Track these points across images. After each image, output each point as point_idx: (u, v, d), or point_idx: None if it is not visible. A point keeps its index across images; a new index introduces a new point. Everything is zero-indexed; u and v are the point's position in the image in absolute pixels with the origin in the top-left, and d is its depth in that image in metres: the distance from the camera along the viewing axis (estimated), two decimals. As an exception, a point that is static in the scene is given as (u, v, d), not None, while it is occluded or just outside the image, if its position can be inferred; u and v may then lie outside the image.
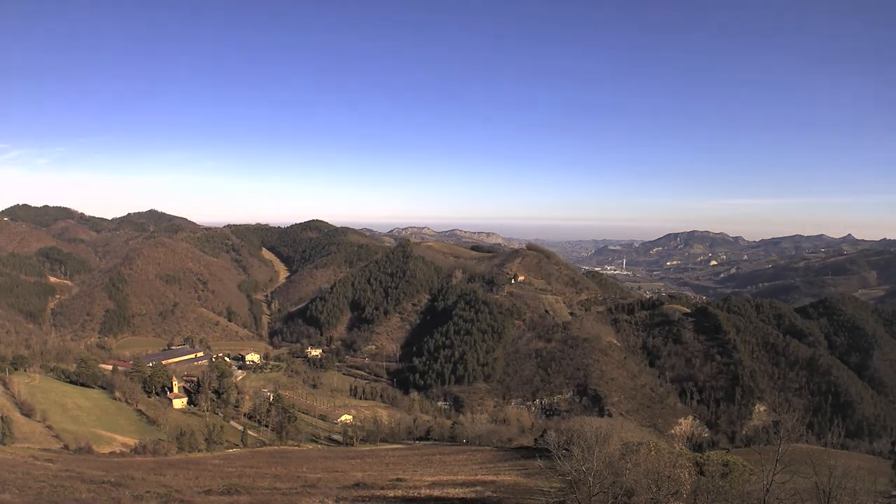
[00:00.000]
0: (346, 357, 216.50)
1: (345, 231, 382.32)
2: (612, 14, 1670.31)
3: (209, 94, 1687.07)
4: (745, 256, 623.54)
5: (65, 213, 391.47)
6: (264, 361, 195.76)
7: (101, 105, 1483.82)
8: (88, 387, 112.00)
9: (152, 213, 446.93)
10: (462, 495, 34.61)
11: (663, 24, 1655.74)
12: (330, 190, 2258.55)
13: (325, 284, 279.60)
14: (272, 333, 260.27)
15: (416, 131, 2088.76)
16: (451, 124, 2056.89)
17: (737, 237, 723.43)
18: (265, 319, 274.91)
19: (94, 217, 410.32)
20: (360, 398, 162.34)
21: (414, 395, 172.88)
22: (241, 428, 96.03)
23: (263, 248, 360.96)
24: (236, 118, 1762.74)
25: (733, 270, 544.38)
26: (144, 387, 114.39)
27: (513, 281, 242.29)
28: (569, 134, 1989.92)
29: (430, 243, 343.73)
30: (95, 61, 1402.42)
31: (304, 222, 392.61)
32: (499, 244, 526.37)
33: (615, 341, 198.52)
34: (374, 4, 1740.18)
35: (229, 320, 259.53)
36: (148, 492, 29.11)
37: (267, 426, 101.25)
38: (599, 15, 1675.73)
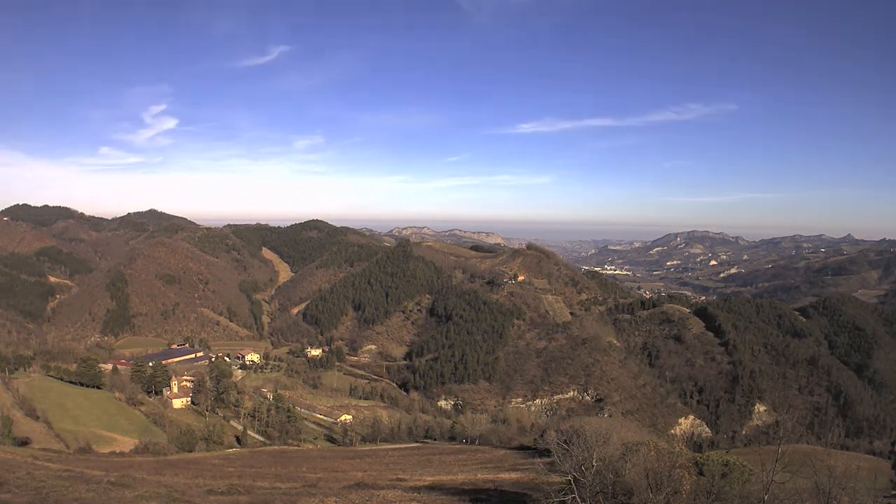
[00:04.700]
0: (347, 357, 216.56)
1: (345, 231, 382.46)
2: (608, 12, 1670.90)
3: (209, 94, 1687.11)
4: (745, 256, 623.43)
5: (65, 213, 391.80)
6: (264, 361, 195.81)
7: (101, 104, 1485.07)
8: (89, 387, 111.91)
9: (152, 213, 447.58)
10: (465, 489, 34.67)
11: (660, 21, 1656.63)
12: (330, 190, 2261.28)
13: (326, 284, 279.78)
14: (272, 333, 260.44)
15: (416, 130, 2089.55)
16: (452, 124, 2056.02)
17: (737, 237, 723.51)
18: (265, 319, 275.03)
19: (94, 217, 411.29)
20: (361, 398, 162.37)
21: (414, 394, 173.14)
22: (241, 428, 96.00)
23: (264, 248, 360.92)
24: (236, 117, 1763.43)
25: (733, 270, 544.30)
26: (145, 387, 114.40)
27: (513, 281, 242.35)
28: (568, 134, 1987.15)
29: (430, 243, 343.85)
30: (94, 59, 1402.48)
31: (304, 222, 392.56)
32: (499, 244, 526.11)
33: (615, 341, 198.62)
34: (377, 3, 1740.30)
35: (230, 320, 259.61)
36: (148, 492, 29.12)
37: (267, 426, 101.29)
38: (596, 13, 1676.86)
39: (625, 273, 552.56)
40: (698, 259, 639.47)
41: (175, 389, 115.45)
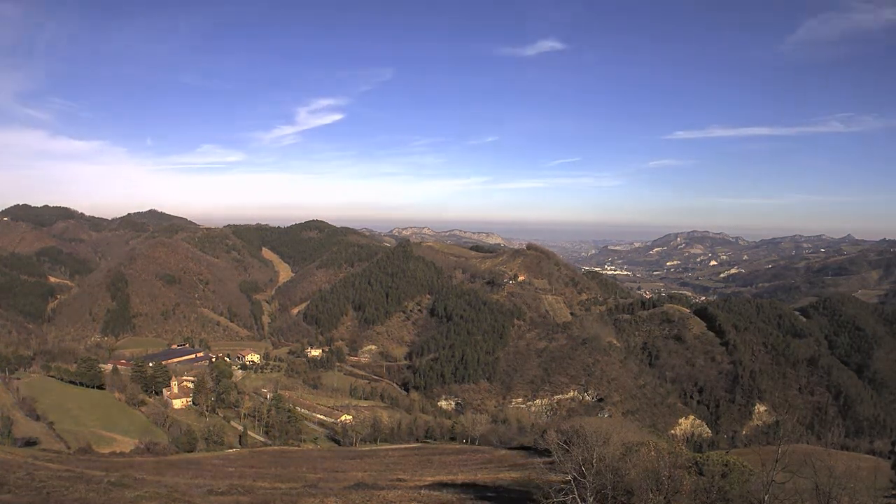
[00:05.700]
0: (347, 357, 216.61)
1: (345, 231, 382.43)
2: (605, 11, 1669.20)
3: (209, 93, 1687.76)
4: (745, 256, 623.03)
5: (65, 213, 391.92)
6: (265, 362, 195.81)
7: (102, 103, 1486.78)
8: (89, 387, 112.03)
9: (152, 213, 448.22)
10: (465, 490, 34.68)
11: (659, 20, 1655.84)
12: (330, 190, 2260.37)
13: (326, 284, 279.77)
14: (273, 333, 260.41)
15: (416, 130, 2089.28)
16: (451, 124, 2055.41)
17: (737, 237, 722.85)
18: (266, 320, 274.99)
19: (94, 217, 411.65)
20: (361, 398, 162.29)
21: (414, 394, 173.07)
22: (241, 428, 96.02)
23: (264, 248, 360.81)
24: (237, 117, 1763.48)
25: (733, 270, 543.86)
26: (145, 387, 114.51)
27: (513, 281, 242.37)
28: (568, 134, 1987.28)
29: (430, 243, 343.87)
30: (96, 58, 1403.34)
31: (304, 222, 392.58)
32: (499, 244, 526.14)
33: (616, 341, 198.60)
34: (377, 3, 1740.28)
35: (230, 320, 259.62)
36: (148, 492, 29.17)
37: (267, 426, 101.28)
38: (594, 13, 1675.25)
39: (625, 273, 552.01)
40: (698, 259, 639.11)
41: (175, 390, 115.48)
